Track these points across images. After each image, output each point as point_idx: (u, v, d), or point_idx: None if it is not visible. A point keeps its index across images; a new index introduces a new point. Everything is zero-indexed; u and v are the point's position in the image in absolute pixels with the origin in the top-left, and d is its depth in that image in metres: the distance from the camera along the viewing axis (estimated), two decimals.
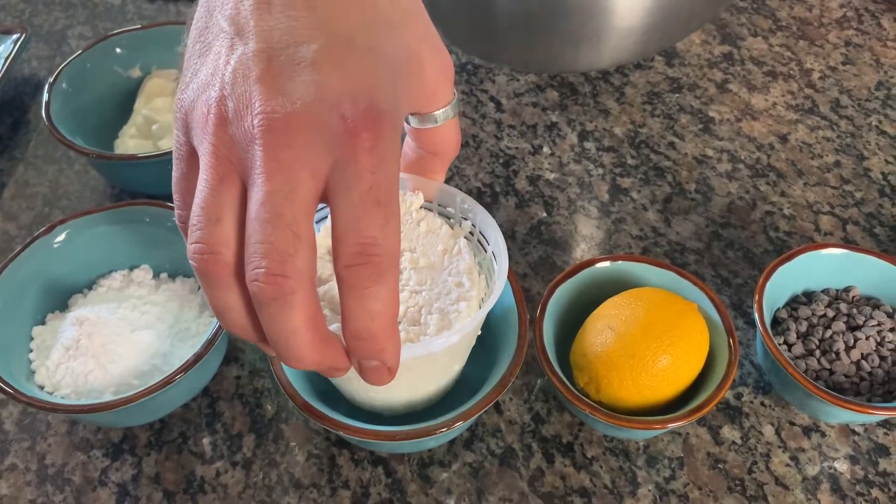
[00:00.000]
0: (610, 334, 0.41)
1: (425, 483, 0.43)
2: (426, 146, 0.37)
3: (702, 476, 0.43)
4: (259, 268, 0.27)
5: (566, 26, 0.53)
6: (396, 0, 0.31)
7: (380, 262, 0.28)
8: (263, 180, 0.27)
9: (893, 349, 0.44)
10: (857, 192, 0.56)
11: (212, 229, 0.28)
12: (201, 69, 0.29)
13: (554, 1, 0.51)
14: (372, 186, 0.27)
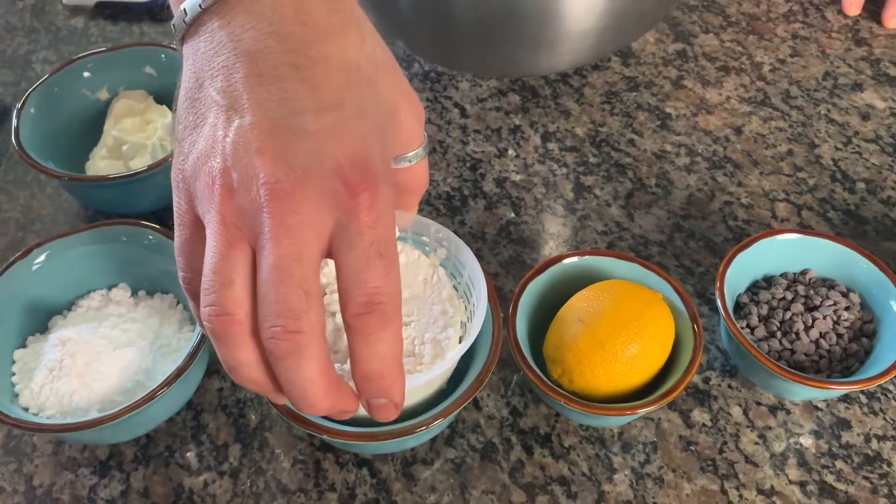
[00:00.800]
0: (580, 326, 0.43)
1: (410, 481, 0.45)
2: (399, 185, 0.38)
3: (675, 458, 0.45)
4: (275, 326, 0.29)
5: (525, 31, 0.55)
6: (372, 55, 0.33)
7: (385, 308, 0.30)
8: (273, 245, 0.29)
9: (849, 327, 0.46)
10: (809, 178, 0.58)
11: (225, 292, 0.30)
12: (199, 140, 0.31)
13: (512, 7, 0.53)
14: (373, 241, 0.30)
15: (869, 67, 0.66)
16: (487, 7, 0.54)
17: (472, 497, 0.44)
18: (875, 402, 0.47)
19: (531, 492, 0.44)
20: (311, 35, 0.31)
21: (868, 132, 0.61)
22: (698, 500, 0.43)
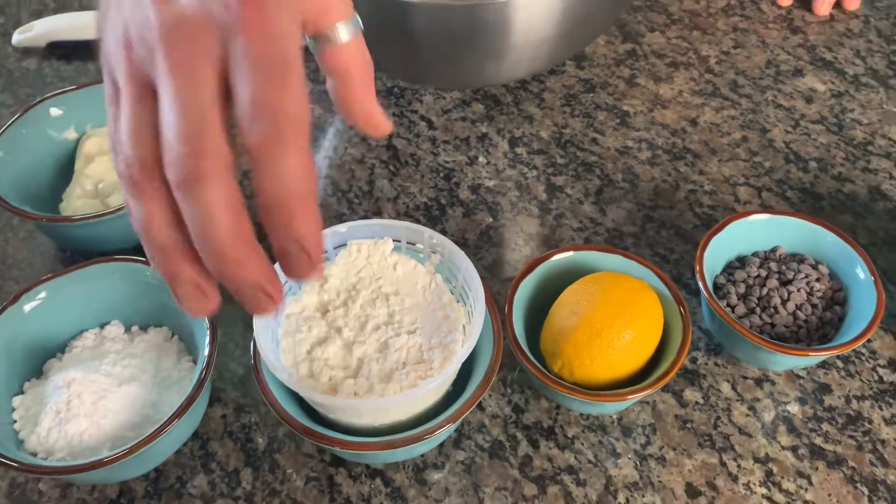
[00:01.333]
0: (575, 319, 0.45)
1: (423, 486, 0.46)
2: (336, 69, 0.36)
3: (674, 437, 0.47)
4: (173, 152, 0.28)
5: (484, 43, 0.57)
6: None
7: (281, 132, 0.28)
8: (167, 80, 0.28)
9: (822, 297, 0.49)
10: (765, 162, 0.61)
11: (134, 143, 0.29)
12: (107, 22, 0.32)
13: (470, 20, 0.55)
14: (264, 55, 0.28)
15: (806, 53, 0.70)
16: (446, 21, 0.55)
17: (486, 495, 0.45)
18: (851, 366, 0.50)
19: (542, 484, 0.45)
20: None
21: (813, 114, 0.65)
22: (700, 473, 0.45)
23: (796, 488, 0.45)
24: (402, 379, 0.40)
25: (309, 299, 0.44)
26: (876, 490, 0.45)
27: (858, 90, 0.67)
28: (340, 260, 0.45)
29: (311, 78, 0.68)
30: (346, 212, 0.59)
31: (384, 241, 0.45)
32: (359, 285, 0.44)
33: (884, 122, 0.64)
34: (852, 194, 0.59)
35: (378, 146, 0.64)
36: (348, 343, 0.42)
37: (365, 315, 0.43)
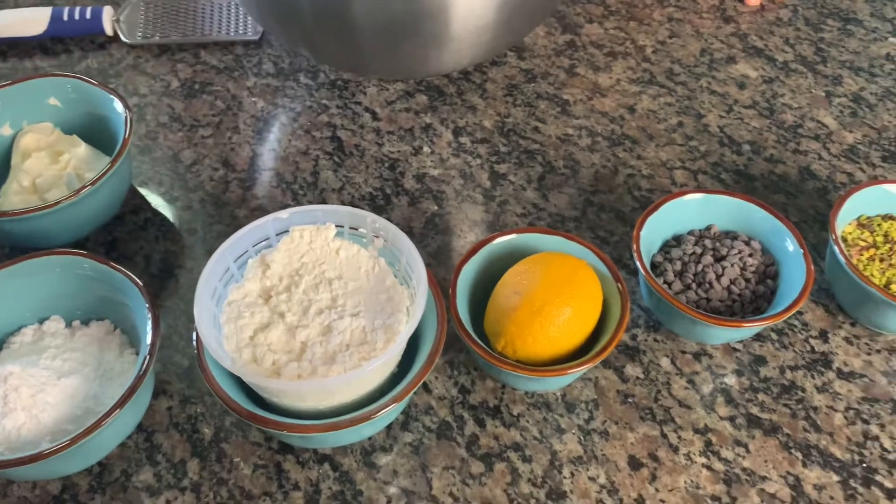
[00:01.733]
0: (517, 298, 0.46)
1: (372, 469, 0.46)
2: None
3: (616, 412, 0.48)
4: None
5: (425, 31, 0.58)
6: None
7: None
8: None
9: (755, 271, 0.50)
10: (700, 146, 0.63)
11: None
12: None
13: (410, 7, 0.55)
14: None
15: (739, 42, 0.72)
16: (386, 10, 0.56)
17: (433, 475, 0.46)
18: (784, 338, 0.52)
19: (489, 461, 0.46)
20: None
21: (746, 99, 0.67)
22: (642, 446, 0.47)
23: (734, 456, 0.46)
24: (345, 360, 0.40)
25: (251, 286, 0.44)
26: (809, 455, 0.46)
27: (788, 76, 0.69)
28: (283, 246, 0.45)
29: (253, 72, 0.68)
30: (290, 203, 0.59)
31: (326, 227, 0.45)
32: (301, 270, 0.44)
33: (812, 106, 0.66)
34: (784, 175, 0.61)
35: (323, 138, 0.64)
36: (291, 327, 0.42)
37: (308, 299, 0.43)
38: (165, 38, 0.71)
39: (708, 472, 0.46)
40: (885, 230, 0.52)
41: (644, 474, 0.46)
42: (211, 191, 0.60)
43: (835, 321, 0.52)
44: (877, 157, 0.62)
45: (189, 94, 0.67)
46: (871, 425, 0.48)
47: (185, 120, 0.65)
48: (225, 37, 0.71)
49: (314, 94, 0.67)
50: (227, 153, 0.63)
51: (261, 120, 0.65)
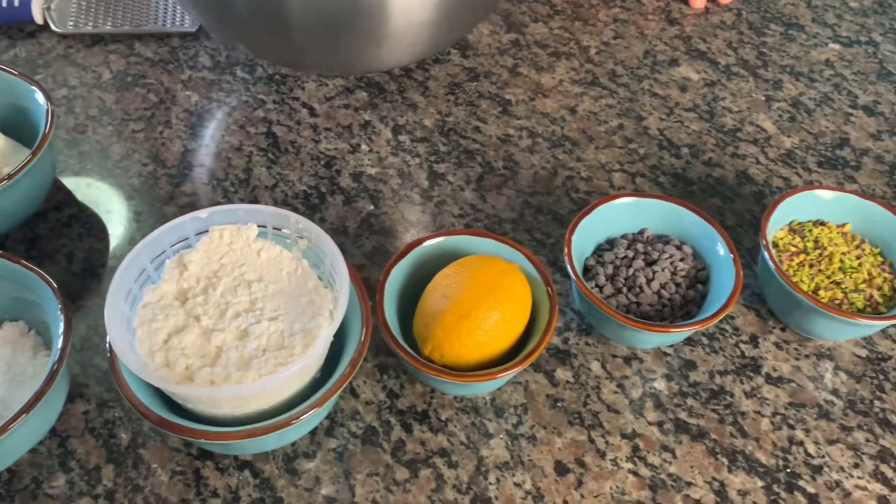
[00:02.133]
0: (445, 301, 0.45)
1: (293, 476, 0.45)
2: None
3: (545, 416, 0.48)
4: None
5: (363, 27, 0.56)
6: None
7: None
8: None
9: (685, 276, 0.50)
10: (640, 148, 0.63)
11: None
12: None
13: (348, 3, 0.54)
14: None
15: (682, 44, 0.72)
16: (322, 7, 0.54)
17: (357, 482, 0.45)
18: (715, 342, 0.52)
19: (414, 467, 0.45)
20: None
21: (687, 102, 0.67)
22: (569, 451, 0.46)
23: (661, 462, 0.46)
24: (261, 366, 0.39)
25: (167, 287, 0.42)
26: (735, 460, 0.46)
27: (730, 79, 0.69)
28: (202, 247, 0.44)
29: (189, 65, 0.67)
30: (221, 200, 0.58)
31: (248, 227, 0.44)
32: (220, 272, 0.43)
33: (752, 110, 0.67)
34: (721, 178, 0.61)
35: (258, 134, 0.62)
36: (207, 331, 0.40)
37: (225, 302, 0.42)
38: (98, 28, 0.69)
39: (634, 478, 0.45)
40: (815, 236, 0.52)
41: (570, 480, 0.45)
42: (139, 187, 0.58)
43: (765, 326, 0.53)
44: (813, 163, 0.63)
45: (121, 86, 0.65)
46: (796, 430, 0.48)
47: (115, 113, 0.63)
48: (161, 28, 0.69)
49: (251, 89, 0.66)
50: (157, 148, 0.61)
51: (194, 114, 0.64)
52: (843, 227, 0.53)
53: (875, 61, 0.72)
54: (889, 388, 0.50)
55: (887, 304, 0.50)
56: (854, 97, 0.68)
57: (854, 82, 0.70)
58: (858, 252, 0.52)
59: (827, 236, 0.52)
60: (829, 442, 0.47)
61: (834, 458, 0.47)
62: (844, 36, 0.75)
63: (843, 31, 0.75)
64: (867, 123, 0.66)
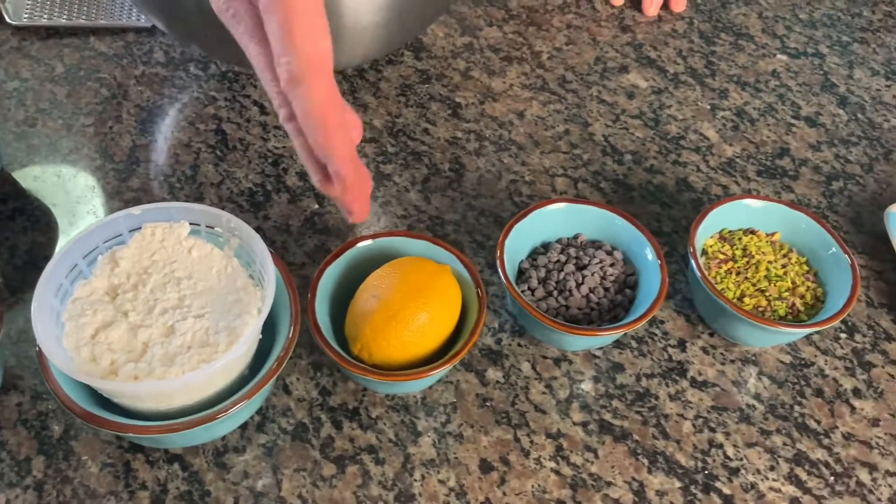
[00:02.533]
0: (374, 301, 0.46)
1: (222, 470, 0.46)
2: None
3: (473, 415, 0.49)
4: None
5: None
6: None
7: (293, 67, 0.36)
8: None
9: (614, 281, 0.51)
10: (584, 154, 0.64)
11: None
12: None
13: None
14: (267, 7, 0.36)
15: (633, 51, 0.74)
16: None
17: (284, 477, 0.46)
18: (644, 346, 0.53)
19: (341, 463, 0.46)
20: None
21: (633, 109, 0.68)
22: (495, 449, 0.47)
23: (583, 461, 0.47)
24: (184, 363, 0.40)
25: (98, 283, 0.43)
26: (655, 461, 0.48)
27: (677, 87, 0.71)
28: (134, 243, 0.44)
29: (143, 61, 0.67)
30: (167, 196, 0.58)
31: (180, 225, 0.45)
32: (151, 269, 0.44)
33: (696, 118, 0.68)
34: (661, 185, 0.62)
35: (207, 131, 0.63)
36: (134, 327, 0.41)
37: (154, 299, 0.42)
38: (53, 21, 0.69)
39: (556, 477, 0.47)
40: (744, 244, 0.54)
41: (493, 478, 0.46)
42: (85, 182, 0.59)
43: (694, 331, 0.54)
44: (752, 172, 0.64)
45: (73, 80, 0.66)
46: (717, 433, 0.49)
47: (66, 107, 0.64)
48: (117, 22, 0.70)
49: (203, 86, 0.66)
50: (106, 143, 0.61)
51: (145, 110, 0.64)
52: (773, 236, 0.55)
53: (820, 73, 0.74)
54: (809, 394, 0.51)
55: (808, 312, 0.51)
56: (797, 108, 0.70)
57: (798, 93, 0.71)
58: (785, 261, 0.53)
59: (755, 245, 0.54)
60: (747, 445, 0.49)
61: (751, 460, 0.48)
62: (792, 47, 0.76)
63: (791, 43, 0.77)
64: (808, 134, 0.68)
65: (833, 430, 0.50)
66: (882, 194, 0.64)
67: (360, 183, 0.41)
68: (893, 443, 0.49)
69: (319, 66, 0.36)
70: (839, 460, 0.48)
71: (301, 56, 0.36)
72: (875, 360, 0.54)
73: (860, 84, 0.73)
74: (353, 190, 0.41)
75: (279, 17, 0.35)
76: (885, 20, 0.81)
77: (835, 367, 0.53)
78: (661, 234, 0.59)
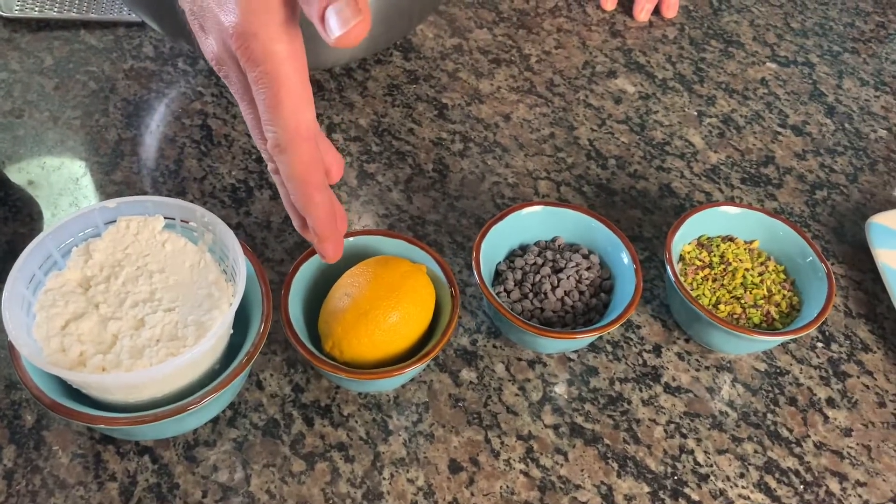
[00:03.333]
0: (347, 300, 0.46)
1: (192, 463, 0.46)
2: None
3: (445, 415, 0.49)
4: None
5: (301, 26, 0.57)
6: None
7: (278, 137, 0.37)
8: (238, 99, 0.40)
9: (590, 284, 0.52)
10: (568, 157, 0.64)
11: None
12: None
13: None
14: (255, 80, 0.37)
15: (622, 56, 0.74)
16: None
17: (253, 472, 0.46)
18: (619, 350, 0.53)
19: (311, 460, 0.46)
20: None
21: (620, 114, 0.68)
22: (465, 450, 0.48)
23: (552, 464, 0.47)
24: (152, 355, 0.40)
25: (71, 274, 0.43)
26: (625, 465, 0.48)
27: (665, 93, 0.71)
28: (108, 236, 0.45)
29: (132, 55, 0.67)
30: (149, 190, 0.58)
31: (155, 219, 0.45)
32: (124, 262, 0.44)
33: (683, 125, 0.68)
34: (644, 191, 0.63)
35: (192, 126, 0.63)
36: (104, 319, 0.41)
37: (126, 291, 0.43)
38: (44, 14, 0.69)
39: (525, 479, 0.47)
40: (722, 251, 0.54)
41: (462, 478, 0.46)
42: (69, 174, 0.59)
43: (670, 336, 0.54)
44: (736, 179, 0.64)
45: (62, 73, 0.66)
46: (688, 439, 0.49)
47: (53, 99, 0.64)
48: (107, 16, 0.70)
49: (190, 81, 0.67)
50: (92, 136, 0.62)
51: (132, 104, 0.64)
52: (752, 244, 0.55)
53: (809, 82, 0.74)
54: (783, 402, 0.51)
55: (783, 320, 0.51)
56: (784, 116, 0.70)
57: (786, 102, 0.71)
58: (762, 269, 0.53)
59: (733, 252, 0.54)
60: (718, 452, 0.49)
61: (721, 467, 0.48)
62: (782, 56, 0.76)
63: (781, 51, 0.77)
64: (794, 143, 0.68)
65: (805, 438, 0.50)
66: (865, 204, 0.64)
67: (336, 234, 0.42)
68: (865, 453, 0.49)
69: (303, 137, 0.37)
70: (809, 469, 0.48)
71: (285, 128, 0.37)
72: (850, 370, 0.54)
73: (849, 94, 0.73)
74: (328, 241, 0.42)
75: (268, 92, 0.36)
76: (877, 31, 0.81)
77: (810, 376, 0.53)
78: (642, 240, 0.59)
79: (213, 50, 0.38)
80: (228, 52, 0.37)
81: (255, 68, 0.36)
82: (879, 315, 0.57)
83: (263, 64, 0.36)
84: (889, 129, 0.70)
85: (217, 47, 0.38)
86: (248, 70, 0.36)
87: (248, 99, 0.39)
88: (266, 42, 0.36)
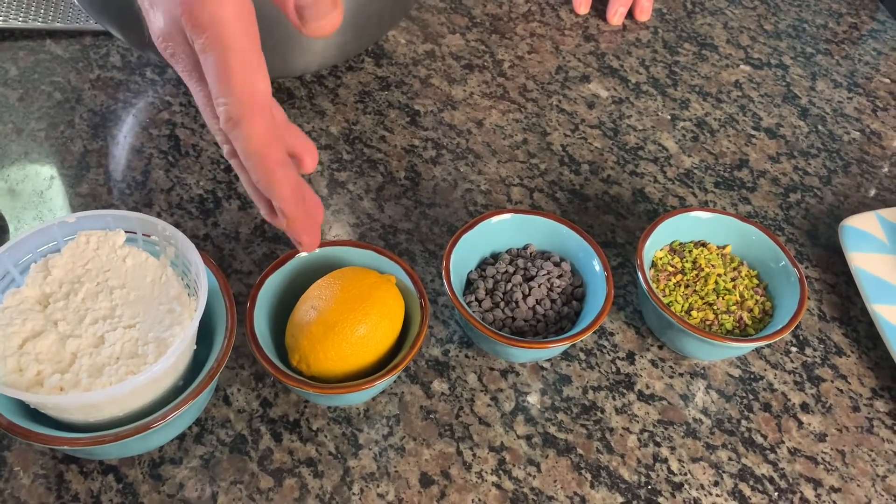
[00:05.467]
0: (313, 313, 0.45)
1: (157, 482, 0.45)
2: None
3: (416, 428, 0.48)
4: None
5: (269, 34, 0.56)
6: None
7: (232, 108, 0.35)
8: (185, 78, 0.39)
9: (561, 292, 0.51)
10: (541, 164, 0.64)
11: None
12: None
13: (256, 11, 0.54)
14: (204, 46, 0.35)
15: (595, 61, 0.73)
16: None
17: (220, 489, 0.45)
18: (592, 358, 0.53)
19: (279, 476, 0.46)
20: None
21: (593, 119, 0.68)
22: (436, 463, 0.47)
23: (525, 476, 0.47)
24: (112, 374, 0.39)
25: (29, 291, 0.42)
26: (598, 475, 0.47)
27: (638, 97, 0.70)
28: (67, 251, 0.44)
29: (99, 65, 0.66)
30: (115, 203, 0.58)
31: (115, 233, 0.44)
32: (84, 277, 0.43)
33: (656, 129, 0.68)
34: (617, 196, 0.62)
35: (160, 136, 0.62)
36: (63, 337, 0.40)
37: (85, 308, 0.42)
38: (8, 24, 0.68)
39: (497, 491, 0.46)
40: (694, 257, 0.53)
41: (433, 492, 0.46)
42: (34, 187, 0.58)
43: (643, 344, 0.54)
44: (710, 183, 0.64)
45: (27, 83, 0.65)
46: (662, 448, 0.49)
47: (17, 111, 0.63)
48: (73, 25, 0.69)
49: (158, 91, 0.66)
50: (57, 147, 0.61)
51: (98, 115, 0.63)
52: (724, 249, 0.55)
53: (783, 84, 0.74)
54: (757, 408, 0.51)
55: (756, 326, 0.51)
56: (758, 119, 0.70)
57: (760, 104, 0.71)
58: (735, 274, 0.53)
59: (706, 257, 0.53)
60: (692, 460, 0.48)
61: (695, 475, 0.48)
62: (756, 58, 0.76)
63: (755, 53, 0.77)
64: (768, 146, 0.68)
65: (779, 445, 0.50)
66: (839, 207, 0.64)
67: (307, 215, 0.40)
68: (839, 458, 0.49)
69: (257, 106, 0.36)
70: (784, 476, 0.48)
71: (238, 97, 0.35)
72: (825, 374, 0.53)
73: (822, 95, 0.73)
74: (298, 223, 0.40)
75: (215, 57, 0.35)
76: (850, 32, 0.81)
77: (784, 382, 0.53)
78: (615, 245, 0.59)
79: (160, 26, 0.37)
80: (176, 25, 0.36)
81: (202, 34, 0.34)
82: (853, 318, 0.57)
83: (210, 28, 0.34)
84: (862, 131, 0.70)
85: (164, 20, 0.36)
86: (196, 38, 0.35)
87: (198, 76, 0.37)
88: (213, 7, 0.34)
